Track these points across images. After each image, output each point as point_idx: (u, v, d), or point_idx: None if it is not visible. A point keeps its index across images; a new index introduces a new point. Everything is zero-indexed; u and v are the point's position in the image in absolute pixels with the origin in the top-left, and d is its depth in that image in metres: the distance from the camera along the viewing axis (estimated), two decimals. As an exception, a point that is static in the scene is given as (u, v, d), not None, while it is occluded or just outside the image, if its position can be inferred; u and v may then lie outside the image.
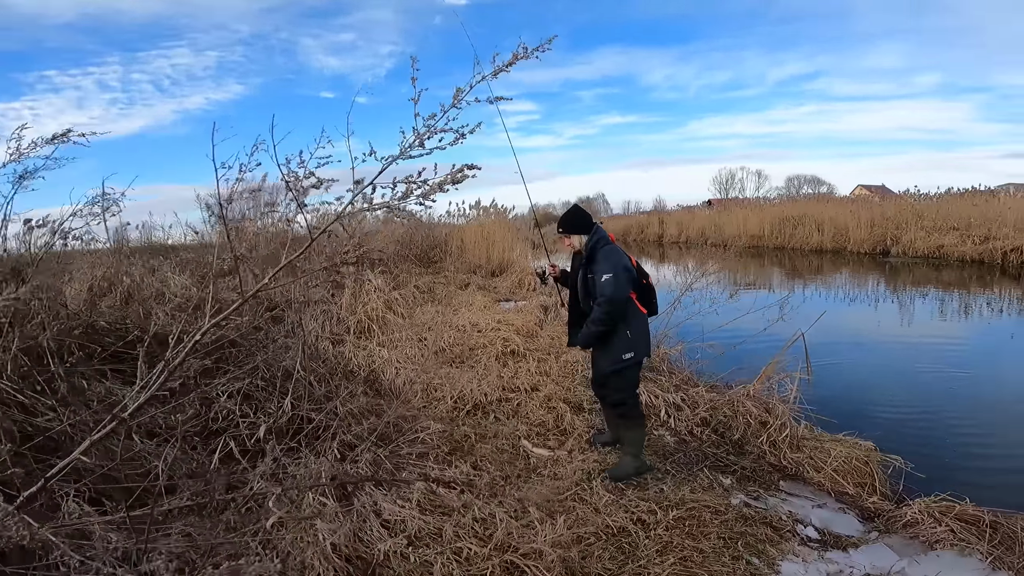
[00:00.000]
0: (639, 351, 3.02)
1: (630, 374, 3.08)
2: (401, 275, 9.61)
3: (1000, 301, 9.53)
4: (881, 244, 16.90)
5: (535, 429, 3.65)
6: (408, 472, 2.78)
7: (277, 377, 3.58)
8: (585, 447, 3.43)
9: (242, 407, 3.22)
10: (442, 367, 4.50)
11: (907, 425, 4.16)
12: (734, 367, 4.52)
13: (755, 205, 24.23)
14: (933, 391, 4.92)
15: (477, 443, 3.33)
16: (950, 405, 4.58)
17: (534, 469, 3.14)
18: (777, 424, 3.63)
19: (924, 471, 3.43)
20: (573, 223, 3.13)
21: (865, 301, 9.86)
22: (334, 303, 5.27)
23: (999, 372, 5.60)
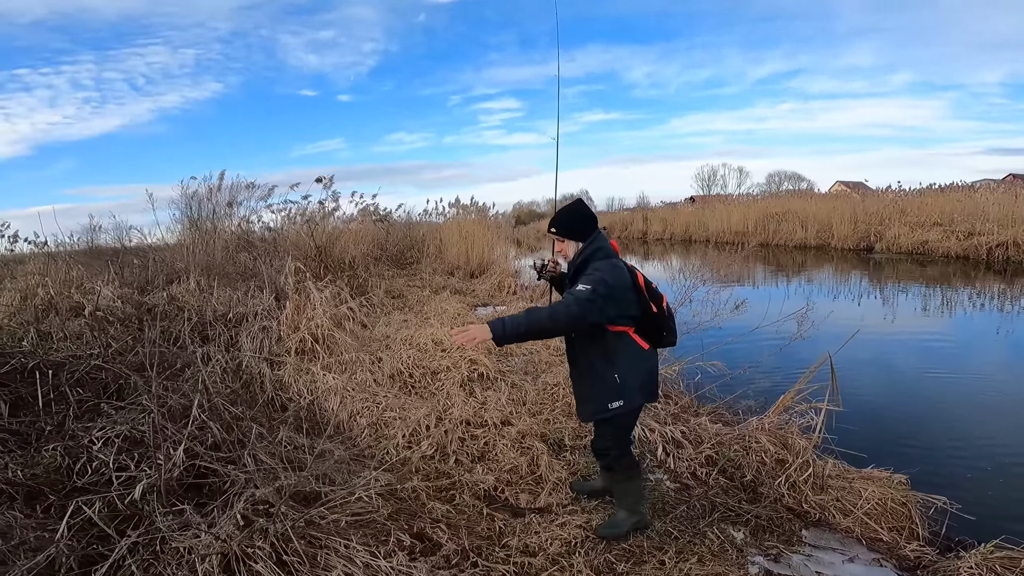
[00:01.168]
0: (632, 398, 2.34)
1: (622, 422, 2.43)
2: (371, 279, 8.93)
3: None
4: (865, 240, 16.75)
5: (505, 476, 2.97)
6: (325, 555, 2.08)
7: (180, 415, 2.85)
8: (566, 500, 2.76)
9: (121, 457, 2.50)
10: (397, 395, 3.79)
11: (950, 458, 3.54)
12: (742, 390, 3.89)
13: (738, 202, 23.93)
14: (979, 417, 4.21)
15: (429, 501, 2.63)
16: (998, 433, 3.91)
17: (500, 537, 2.46)
18: (798, 463, 3.00)
19: (972, 511, 2.84)
20: (569, 224, 2.43)
21: (887, 309, 8.54)
22: (275, 317, 4.52)
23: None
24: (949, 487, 3.02)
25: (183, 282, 6.03)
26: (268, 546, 2.11)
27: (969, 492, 3.10)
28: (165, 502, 2.35)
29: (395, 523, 2.43)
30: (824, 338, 3.87)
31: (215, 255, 8.01)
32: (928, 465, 3.28)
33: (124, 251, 8.38)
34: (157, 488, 2.34)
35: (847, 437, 3.30)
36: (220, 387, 3.39)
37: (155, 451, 2.43)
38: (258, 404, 2.96)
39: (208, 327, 4.73)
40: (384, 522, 2.42)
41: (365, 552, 2.08)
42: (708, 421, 3.43)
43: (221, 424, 2.76)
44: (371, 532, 2.36)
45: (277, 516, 2.25)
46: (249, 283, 5.89)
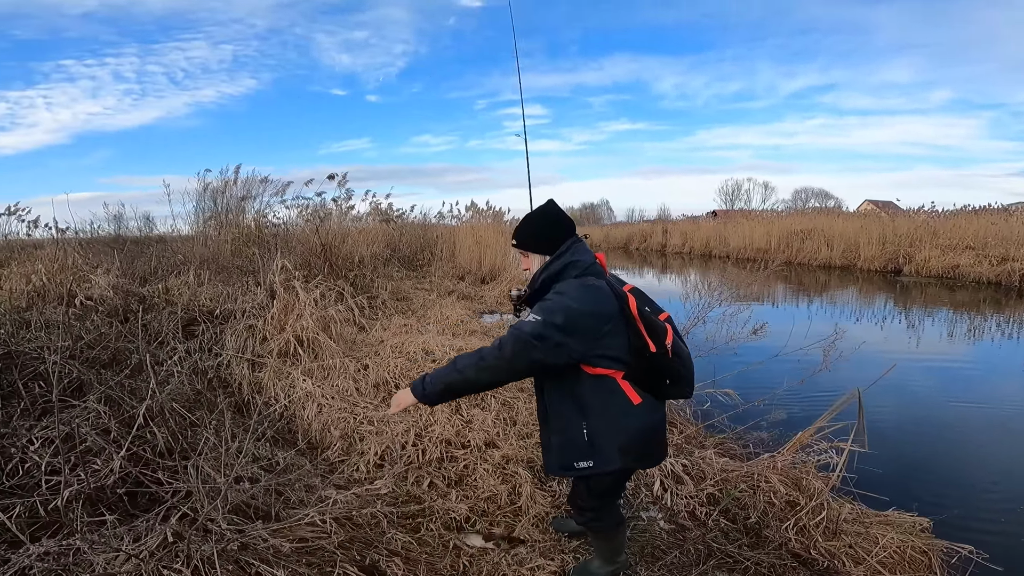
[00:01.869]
0: (605, 460, 1.84)
1: (598, 485, 1.96)
2: (377, 280, 8.77)
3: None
4: (893, 262, 16.12)
5: (481, 505, 2.68)
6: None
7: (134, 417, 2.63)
8: (544, 538, 2.46)
9: (57, 459, 2.29)
10: (379, 407, 3.53)
11: (982, 502, 3.15)
12: (754, 421, 3.54)
13: (761, 217, 23.32)
14: (1018, 458, 3.78)
15: (390, 530, 2.35)
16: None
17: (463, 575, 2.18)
18: (811, 506, 2.66)
19: (1001, 562, 2.52)
20: (532, 233, 1.93)
21: (920, 335, 7.80)
22: (262, 316, 4.31)
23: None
24: (977, 534, 2.72)
25: (183, 274, 5.90)
26: (189, 571, 1.87)
27: (999, 540, 2.77)
28: (92, 511, 2.14)
29: (346, 553, 2.17)
30: (852, 369, 3.51)
31: (223, 249, 7.92)
32: (957, 509, 2.91)
33: (143, 241, 8.38)
34: (86, 495, 2.13)
35: (867, 477, 2.95)
36: (185, 388, 3.17)
37: (82, 456, 2.22)
38: (217, 409, 2.73)
39: (194, 323, 4.55)
40: (333, 551, 2.16)
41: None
42: (714, 455, 3.10)
43: (171, 429, 2.53)
44: (316, 561, 2.10)
45: (212, 535, 2.02)
46: (245, 279, 5.71)
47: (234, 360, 3.99)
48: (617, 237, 33.19)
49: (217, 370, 3.94)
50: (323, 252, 8.03)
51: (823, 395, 3.64)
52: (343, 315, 4.91)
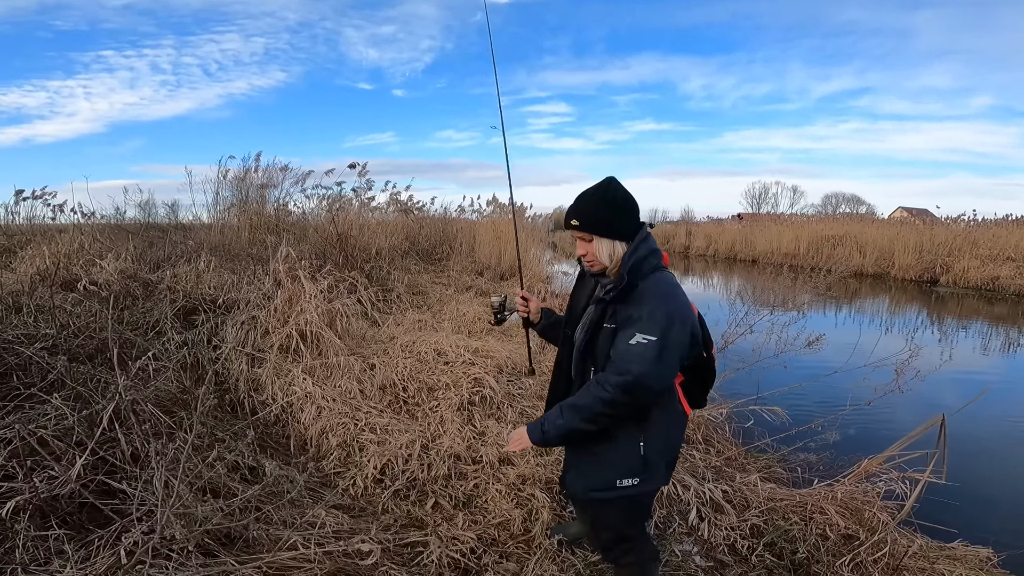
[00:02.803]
0: (652, 477, 1.61)
1: (630, 507, 1.69)
2: (394, 272, 8.53)
3: None
4: (929, 271, 15.42)
5: (491, 532, 2.34)
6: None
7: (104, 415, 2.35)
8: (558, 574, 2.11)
9: (11, 464, 2.02)
10: (383, 413, 3.21)
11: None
12: (804, 443, 3.13)
13: (789, 221, 22.55)
14: None
15: (384, 561, 2.02)
16: None
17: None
18: (872, 541, 2.27)
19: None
20: (603, 214, 1.58)
21: (998, 355, 7.06)
22: (266, 307, 4.03)
23: None
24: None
25: (194, 261, 5.68)
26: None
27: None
28: (42, 524, 1.86)
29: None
30: (932, 392, 3.05)
31: (241, 236, 7.75)
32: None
33: (166, 228, 8.27)
34: (35, 506, 1.85)
35: (936, 507, 2.57)
36: (171, 384, 2.89)
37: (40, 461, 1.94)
38: (198, 410, 2.43)
39: (196, 311, 4.30)
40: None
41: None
42: (759, 479, 2.71)
43: (143, 432, 2.24)
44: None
45: (171, 561, 1.72)
46: (254, 267, 5.45)
47: (233, 353, 3.71)
48: (639, 239, 32.46)
49: (214, 364, 3.67)
50: (339, 242, 7.81)
51: (892, 419, 3.22)
52: (353, 308, 4.61)
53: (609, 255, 1.59)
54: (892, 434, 2.69)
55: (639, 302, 1.49)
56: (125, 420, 2.27)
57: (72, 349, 3.06)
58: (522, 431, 1.63)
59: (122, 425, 2.26)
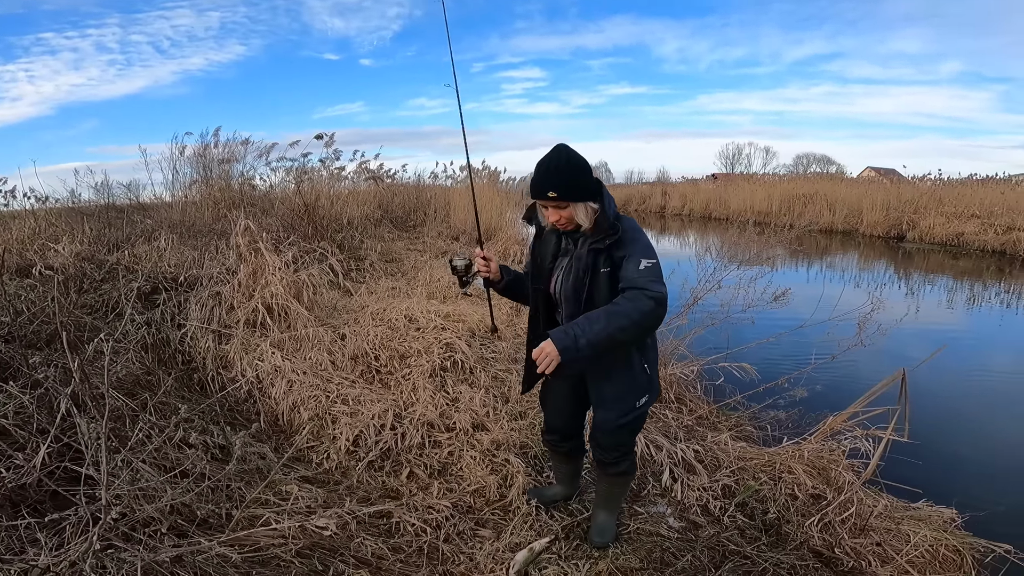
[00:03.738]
0: (656, 389, 1.99)
1: (639, 421, 2.01)
2: (366, 241, 8.38)
3: None
4: (896, 228, 15.84)
5: (467, 500, 2.35)
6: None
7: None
8: (537, 538, 2.14)
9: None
10: (355, 383, 3.17)
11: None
12: (773, 400, 3.20)
13: (762, 181, 22.72)
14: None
15: (359, 533, 2.02)
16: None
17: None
18: (839, 501, 2.36)
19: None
20: (575, 180, 1.73)
21: (963, 310, 7.19)
22: (228, 282, 3.89)
23: None
24: (1020, 534, 2.39)
25: (155, 240, 5.45)
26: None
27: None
28: (12, 513, 1.80)
29: (305, 562, 1.84)
30: (895, 346, 3.12)
31: (204, 213, 7.48)
32: (1000, 505, 2.60)
33: (125, 209, 7.90)
34: (3, 495, 1.79)
35: (900, 466, 2.64)
36: (133, 366, 2.79)
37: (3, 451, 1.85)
38: (161, 389, 2.35)
39: (157, 291, 4.14)
40: (290, 560, 1.83)
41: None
42: (730, 438, 2.77)
43: (109, 416, 2.16)
44: (268, 574, 1.77)
45: (141, 545, 1.68)
46: (217, 242, 5.26)
47: (198, 331, 3.60)
48: (616, 198, 32.19)
49: (180, 343, 3.56)
50: (306, 213, 7.61)
51: (856, 375, 3.30)
52: (322, 279, 4.49)
53: (586, 215, 1.75)
54: (857, 389, 2.75)
55: (626, 242, 1.72)
56: (84, 405, 2.18)
57: (27, 336, 2.93)
58: (549, 348, 1.61)
59: (82, 410, 2.18)
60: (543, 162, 1.73)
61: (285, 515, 1.97)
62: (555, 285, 1.86)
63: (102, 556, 1.67)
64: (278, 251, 3.95)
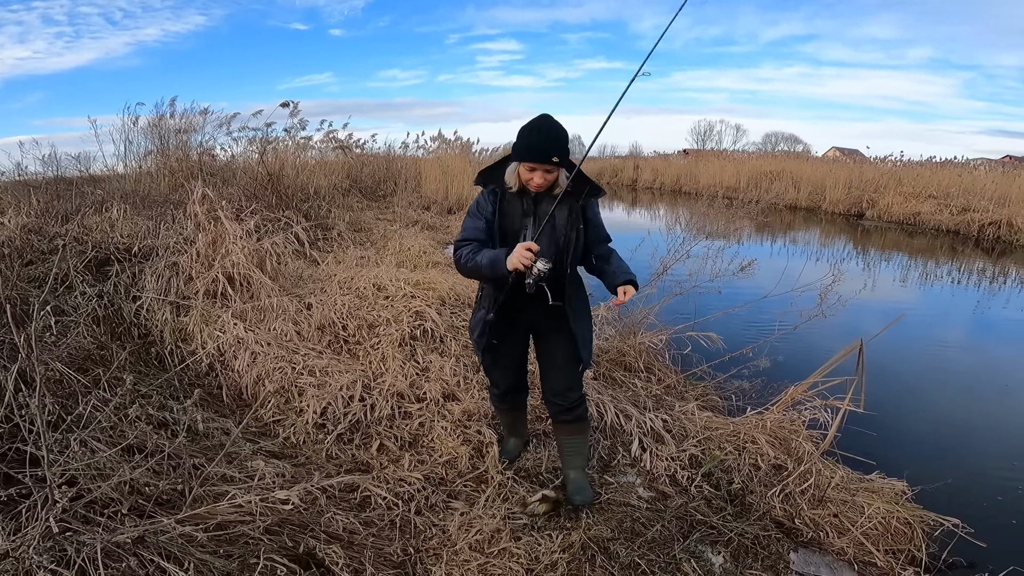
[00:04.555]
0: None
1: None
2: (334, 210, 8.18)
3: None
4: (857, 206, 16.32)
5: (439, 471, 2.34)
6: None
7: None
8: (512, 510, 2.15)
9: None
10: (322, 354, 3.10)
11: (980, 474, 2.95)
12: (738, 369, 3.27)
13: (731, 157, 23.06)
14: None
15: (329, 508, 1.99)
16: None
17: (418, 566, 1.85)
18: (799, 472, 2.44)
19: (986, 537, 2.32)
20: (567, 145, 1.95)
21: (922, 286, 7.37)
22: (186, 252, 3.71)
23: None
24: (967, 507, 2.52)
25: (108, 211, 5.15)
26: (72, 572, 1.48)
27: (990, 515, 2.61)
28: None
29: (274, 539, 1.80)
30: (853, 318, 3.21)
31: (160, 184, 7.12)
32: (949, 478, 2.67)
33: (76, 182, 7.44)
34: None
35: (857, 437, 2.73)
36: (84, 340, 2.64)
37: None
38: (115, 364, 2.24)
39: (109, 262, 3.92)
40: (259, 537, 1.78)
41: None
42: (696, 408, 2.83)
43: (60, 393, 2.05)
44: (235, 552, 1.72)
45: (99, 527, 1.61)
46: (173, 211, 5.00)
47: (155, 303, 3.43)
48: (589, 171, 32.34)
49: (135, 315, 3.40)
50: (270, 182, 7.35)
51: (817, 345, 3.40)
52: (287, 248, 4.34)
53: (565, 178, 1.92)
54: (818, 359, 2.83)
55: (594, 203, 2.05)
56: (33, 382, 2.05)
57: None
58: (630, 290, 1.93)
59: (31, 387, 2.05)
60: (543, 127, 1.87)
61: (252, 491, 1.91)
62: (538, 240, 1.87)
63: (60, 539, 1.59)
64: (239, 220, 3.78)
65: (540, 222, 1.88)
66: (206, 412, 2.47)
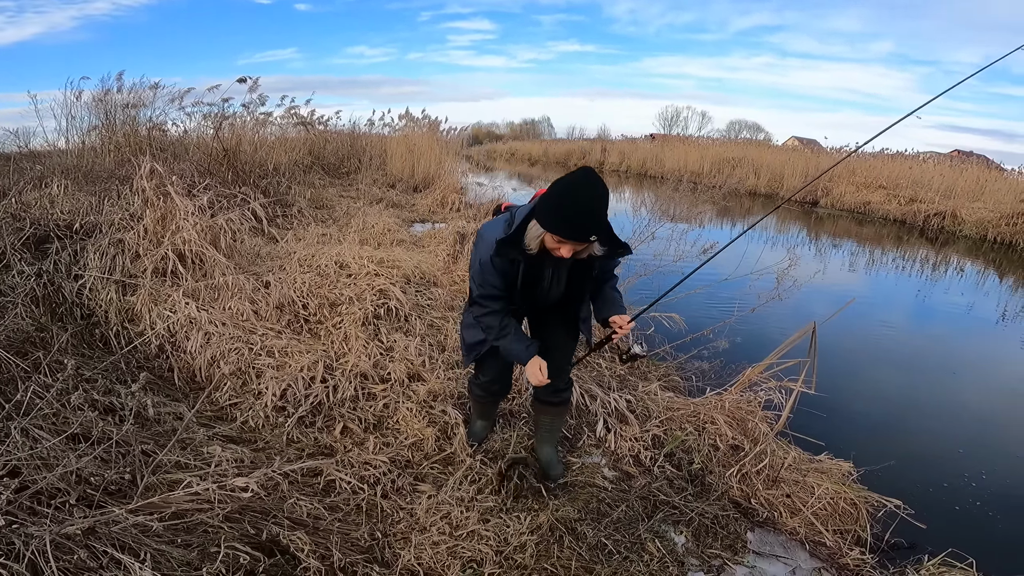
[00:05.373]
0: None
1: None
2: (294, 187, 7.90)
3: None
4: (811, 194, 16.85)
5: (404, 454, 2.31)
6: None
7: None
8: (482, 490, 2.15)
9: None
10: (281, 334, 2.99)
11: (921, 457, 3.10)
12: (698, 350, 3.34)
13: (696, 143, 23.44)
14: (971, 415, 3.61)
15: (292, 494, 1.93)
16: (987, 438, 3.36)
17: (386, 550, 1.83)
18: (755, 452, 2.52)
19: (925, 518, 2.45)
20: (606, 219, 1.71)
21: (874, 272, 7.68)
22: (133, 228, 3.50)
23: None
24: (910, 489, 2.65)
25: (47, 187, 4.78)
26: (22, 565, 1.40)
27: (930, 497, 2.76)
28: None
29: (235, 527, 1.74)
30: (806, 301, 3.32)
31: (105, 159, 6.68)
32: (892, 460, 2.80)
33: (14, 158, 6.86)
34: None
35: (808, 418, 2.83)
36: (22, 322, 2.46)
37: None
38: (56, 346, 2.09)
39: (48, 240, 3.66)
40: (219, 525, 1.72)
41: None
42: (659, 388, 2.89)
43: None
44: (194, 541, 1.66)
45: (46, 519, 1.52)
46: (119, 187, 4.70)
47: (98, 282, 3.23)
48: (556, 153, 32.54)
49: (78, 295, 3.19)
50: (225, 158, 7.02)
51: (774, 326, 3.51)
52: (243, 225, 4.15)
53: (599, 247, 1.76)
54: (774, 341, 2.92)
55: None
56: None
57: None
58: (625, 319, 1.98)
59: None
60: (582, 199, 1.64)
61: (209, 478, 1.84)
62: (547, 293, 1.99)
63: (7, 532, 1.50)
64: (191, 196, 3.58)
65: (560, 274, 1.93)
66: (156, 396, 2.36)
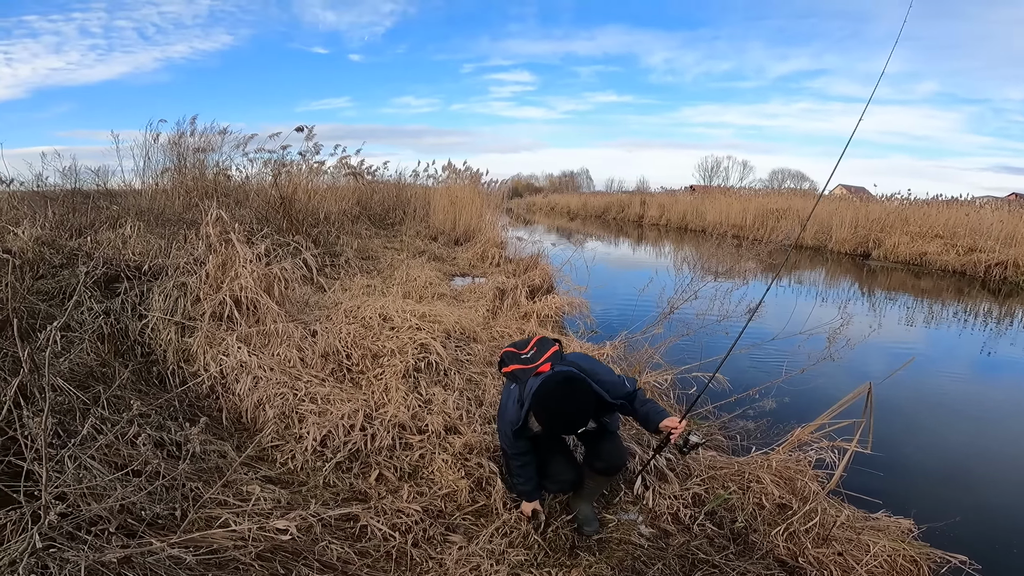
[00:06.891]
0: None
1: None
2: (343, 237, 8.27)
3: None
4: (863, 246, 16.26)
5: (437, 504, 2.30)
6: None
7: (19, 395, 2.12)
8: (514, 544, 2.10)
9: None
10: (324, 381, 3.08)
11: (986, 509, 2.90)
12: (743, 410, 3.23)
13: (738, 194, 23.20)
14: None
15: (324, 536, 1.95)
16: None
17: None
18: (803, 511, 2.38)
19: (994, 573, 2.31)
20: (596, 407, 2.13)
21: (932, 329, 7.37)
22: (196, 272, 3.75)
23: None
24: (977, 544, 2.46)
25: (121, 227, 5.23)
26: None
27: (999, 552, 2.56)
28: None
29: (266, 566, 1.76)
30: (861, 360, 3.17)
31: (175, 202, 7.24)
32: (956, 516, 2.61)
33: (93, 195, 7.58)
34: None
35: (862, 476, 2.66)
36: (88, 357, 2.65)
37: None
38: (116, 382, 2.24)
39: (119, 279, 3.96)
40: (250, 563, 1.75)
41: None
42: (701, 448, 2.78)
43: (59, 409, 2.05)
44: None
45: (87, 545, 1.58)
46: (185, 231, 5.08)
47: (160, 323, 3.45)
48: (595, 206, 32.87)
49: (140, 334, 3.41)
50: (282, 206, 7.46)
51: (825, 387, 3.34)
52: (295, 274, 4.37)
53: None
54: (824, 402, 2.79)
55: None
56: (32, 397, 2.06)
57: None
58: (675, 421, 2.23)
59: (29, 402, 2.06)
60: (564, 415, 2.02)
61: (245, 516, 1.89)
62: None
63: (43, 556, 1.57)
64: (250, 243, 3.82)
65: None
66: (204, 435, 2.45)
